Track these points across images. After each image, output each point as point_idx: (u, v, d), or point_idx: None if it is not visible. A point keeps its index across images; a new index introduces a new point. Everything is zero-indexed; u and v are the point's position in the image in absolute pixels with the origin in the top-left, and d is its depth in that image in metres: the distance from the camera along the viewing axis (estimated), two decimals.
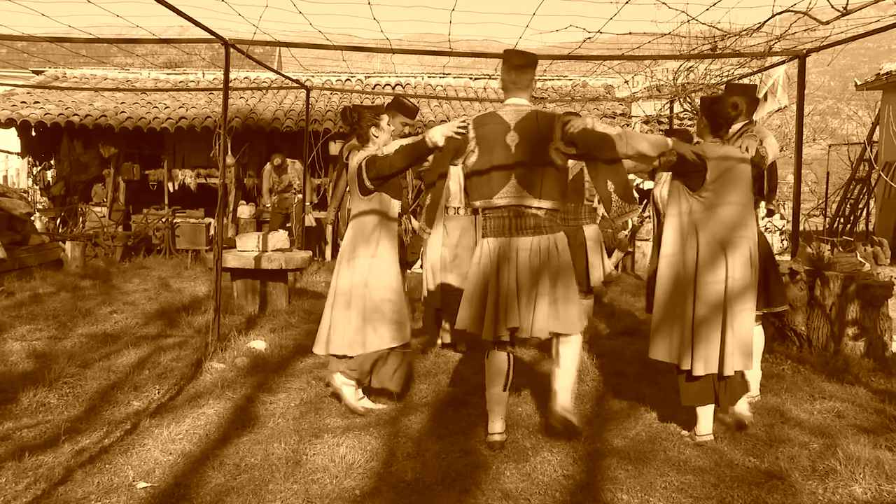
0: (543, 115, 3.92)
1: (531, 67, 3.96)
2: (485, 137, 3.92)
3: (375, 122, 4.50)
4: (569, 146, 3.83)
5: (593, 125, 3.79)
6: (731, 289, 3.98)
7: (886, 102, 14.50)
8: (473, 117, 4.00)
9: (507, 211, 3.90)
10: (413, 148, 4.11)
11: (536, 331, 3.86)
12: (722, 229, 3.99)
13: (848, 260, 6.31)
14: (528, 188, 3.86)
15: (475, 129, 3.95)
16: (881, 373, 5.42)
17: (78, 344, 6.10)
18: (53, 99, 13.41)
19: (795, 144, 6.51)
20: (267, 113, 12.95)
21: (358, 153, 4.49)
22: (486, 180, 3.92)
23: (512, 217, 3.89)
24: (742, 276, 4.00)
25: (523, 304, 3.85)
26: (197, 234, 12.80)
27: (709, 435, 4.08)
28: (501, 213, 3.91)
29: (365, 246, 4.46)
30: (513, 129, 3.88)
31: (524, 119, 3.88)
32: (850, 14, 6.16)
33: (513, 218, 3.89)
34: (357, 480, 3.53)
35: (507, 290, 3.85)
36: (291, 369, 5.43)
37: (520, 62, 3.95)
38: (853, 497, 3.41)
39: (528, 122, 3.87)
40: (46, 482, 3.42)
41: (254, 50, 16.67)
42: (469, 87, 15.47)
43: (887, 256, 11.63)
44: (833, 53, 6.86)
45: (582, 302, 4.76)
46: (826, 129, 37.22)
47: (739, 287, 3.99)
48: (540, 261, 3.86)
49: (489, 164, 3.90)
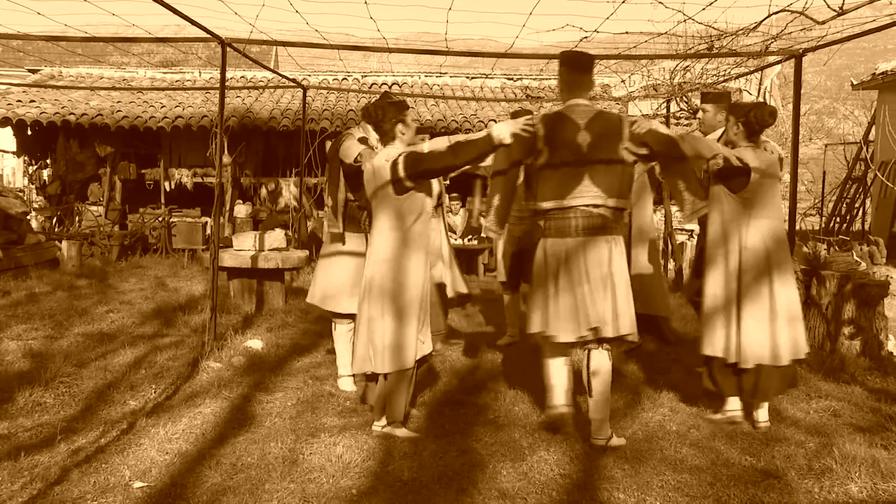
0: (609, 115, 3.99)
1: (592, 68, 4.06)
2: (555, 137, 3.89)
3: (402, 119, 4.22)
4: (640, 146, 3.89)
5: (656, 126, 3.90)
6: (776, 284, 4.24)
7: (882, 102, 14.53)
8: (539, 116, 3.96)
9: (578, 212, 3.89)
10: (474, 144, 3.91)
11: (610, 331, 3.89)
12: (761, 229, 4.22)
13: (844, 259, 6.33)
14: (602, 188, 3.87)
15: (544, 127, 3.90)
16: (877, 372, 5.43)
17: (74, 343, 6.09)
18: (49, 98, 13.38)
19: (792, 144, 6.52)
20: (263, 112, 12.93)
21: (380, 153, 4.18)
22: (558, 181, 3.89)
23: (582, 217, 3.89)
24: (785, 270, 4.28)
25: (598, 304, 3.86)
26: (193, 233, 12.78)
27: (738, 412, 4.33)
28: (573, 214, 3.89)
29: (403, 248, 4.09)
30: (583, 128, 3.88)
31: (593, 119, 3.91)
32: (846, 14, 6.16)
33: (583, 218, 3.89)
34: (354, 480, 3.53)
35: (584, 291, 3.85)
36: (288, 368, 5.43)
37: (585, 63, 4.02)
38: (849, 496, 3.42)
39: (597, 123, 3.90)
40: (42, 482, 3.41)
41: (250, 49, 16.67)
42: (466, 86, 15.47)
43: (883, 256, 11.68)
44: (829, 53, 6.86)
45: None
46: (822, 129, 37.29)
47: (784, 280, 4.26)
48: (610, 261, 3.89)
49: (563, 165, 3.87)
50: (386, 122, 4.20)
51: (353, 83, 15.24)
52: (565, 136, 3.88)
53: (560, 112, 3.96)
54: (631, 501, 3.34)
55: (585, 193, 3.87)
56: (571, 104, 3.96)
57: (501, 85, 15.51)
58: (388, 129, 4.21)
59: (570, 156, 3.88)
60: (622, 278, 3.92)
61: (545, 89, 15.16)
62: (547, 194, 3.93)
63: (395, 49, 7.04)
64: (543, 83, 15.52)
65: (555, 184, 3.90)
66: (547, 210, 3.95)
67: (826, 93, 43.79)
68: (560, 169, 3.88)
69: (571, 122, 3.90)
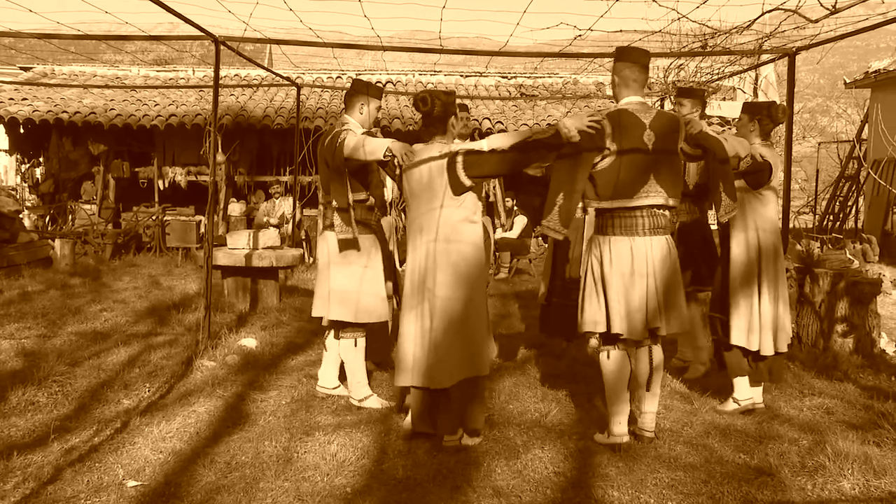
0: (667, 114, 3.98)
1: (649, 64, 4.04)
2: (623, 135, 3.80)
3: (455, 111, 4.00)
4: (694, 147, 3.92)
5: (705, 127, 3.97)
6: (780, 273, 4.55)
7: (875, 100, 14.57)
8: (605, 113, 3.85)
9: (644, 211, 3.85)
10: (543, 142, 3.74)
11: (675, 326, 3.94)
12: (772, 221, 4.56)
13: (837, 257, 6.35)
14: (665, 187, 3.86)
15: (611, 124, 3.80)
16: (869, 369, 5.45)
17: (67, 342, 6.07)
18: (42, 96, 13.32)
19: (785, 142, 6.54)
20: (258, 110, 12.91)
21: (428, 148, 3.94)
22: (625, 179, 3.82)
23: (648, 217, 3.86)
24: (782, 259, 4.60)
25: (661, 302, 3.87)
26: (187, 231, 12.76)
27: (752, 398, 4.53)
28: (639, 214, 3.86)
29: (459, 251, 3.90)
30: (648, 127, 3.84)
31: (656, 118, 3.88)
32: (839, 12, 6.19)
33: (649, 217, 3.86)
34: (348, 478, 3.53)
35: (651, 289, 3.84)
36: (282, 367, 5.42)
37: (644, 60, 3.97)
38: (841, 492, 3.43)
39: (659, 122, 3.87)
40: (35, 481, 3.40)
41: (244, 47, 16.63)
42: (460, 84, 15.46)
43: (876, 254, 11.72)
44: (822, 51, 6.88)
45: None
46: (816, 127, 37.40)
47: (782, 269, 4.60)
48: (671, 259, 3.93)
49: (630, 163, 3.81)
50: (445, 114, 3.95)
51: (348, 81, 15.21)
52: (632, 135, 3.81)
53: (625, 109, 3.87)
54: (625, 499, 3.35)
55: (651, 193, 3.84)
56: (633, 101, 3.91)
57: (496, 83, 15.51)
58: (443, 122, 3.96)
59: (637, 154, 3.82)
60: (679, 277, 3.98)
61: (539, 87, 15.16)
62: (613, 193, 3.84)
63: (390, 47, 7.04)
64: (538, 81, 15.52)
65: (621, 182, 3.82)
66: (612, 209, 3.88)
67: (819, 91, 43.91)
68: (627, 167, 3.81)
69: (637, 119, 3.84)
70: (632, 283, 3.83)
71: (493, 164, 3.83)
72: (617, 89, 3.97)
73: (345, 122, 4.50)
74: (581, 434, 4.09)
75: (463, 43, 8.58)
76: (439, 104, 3.91)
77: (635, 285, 3.83)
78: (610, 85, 4.19)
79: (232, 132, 12.73)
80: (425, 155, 3.92)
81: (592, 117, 3.76)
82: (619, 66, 3.95)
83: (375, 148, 4.06)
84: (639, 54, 3.97)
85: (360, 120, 4.50)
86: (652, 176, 3.83)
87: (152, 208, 12.91)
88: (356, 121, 4.49)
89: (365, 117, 4.52)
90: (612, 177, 3.82)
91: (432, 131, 3.97)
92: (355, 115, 4.51)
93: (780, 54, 6.95)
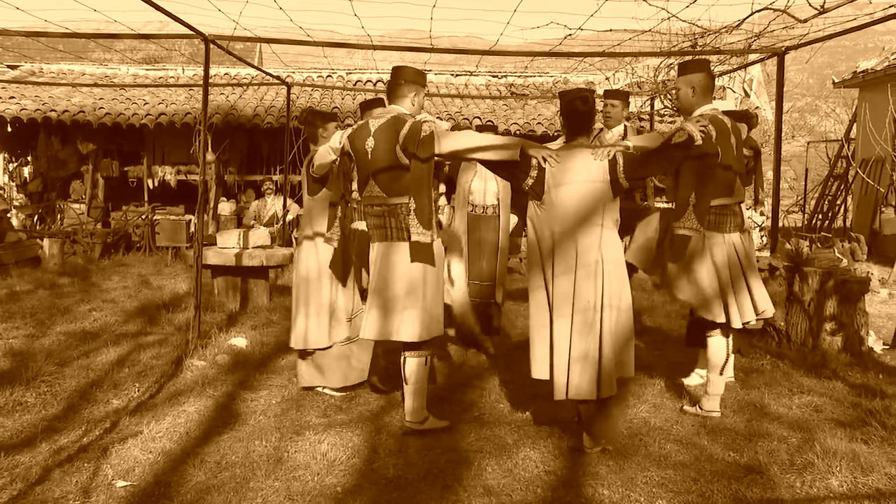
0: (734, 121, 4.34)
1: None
2: (720, 139, 4.10)
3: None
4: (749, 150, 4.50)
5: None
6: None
7: (863, 100, 14.66)
8: (708, 117, 4.08)
9: (732, 209, 4.29)
10: (680, 146, 3.76)
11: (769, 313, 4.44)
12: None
13: (826, 256, 6.39)
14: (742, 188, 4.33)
15: (715, 129, 4.05)
16: (858, 367, 5.48)
17: (56, 342, 6.04)
18: (30, 94, 13.24)
19: (775, 141, 6.57)
20: (248, 109, 12.87)
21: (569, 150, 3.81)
22: (722, 180, 4.20)
23: (732, 215, 4.31)
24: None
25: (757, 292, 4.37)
26: (177, 231, 12.71)
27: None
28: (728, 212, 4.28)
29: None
30: (731, 131, 4.19)
31: (732, 123, 4.25)
32: (828, 12, 6.22)
33: (734, 216, 4.31)
34: (339, 477, 3.52)
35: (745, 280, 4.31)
36: (273, 366, 5.41)
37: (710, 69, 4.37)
38: (830, 490, 3.45)
39: (734, 126, 4.26)
40: (23, 482, 3.38)
41: (234, 46, 16.56)
42: (450, 83, 15.45)
43: (864, 252, 11.79)
44: (811, 51, 6.92)
45: None
46: (805, 126, 37.59)
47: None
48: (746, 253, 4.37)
49: (726, 165, 4.18)
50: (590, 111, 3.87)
51: (338, 80, 15.19)
52: (724, 139, 4.13)
53: (715, 115, 4.16)
54: (616, 497, 3.36)
55: (737, 192, 4.28)
56: (714, 108, 4.22)
57: (486, 82, 15.51)
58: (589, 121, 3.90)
59: (731, 157, 4.19)
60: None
61: (530, 86, 15.17)
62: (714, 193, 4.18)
63: (380, 46, 7.03)
64: (528, 80, 15.53)
65: (720, 183, 4.18)
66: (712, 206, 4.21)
67: (808, 90, 44.13)
68: (724, 169, 4.16)
69: (724, 124, 4.17)
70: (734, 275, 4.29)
71: (648, 164, 3.78)
72: (694, 98, 4.22)
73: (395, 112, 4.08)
74: (571, 432, 4.09)
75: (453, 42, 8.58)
76: (592, 101, 3.88)
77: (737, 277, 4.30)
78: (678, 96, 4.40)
79: (222, 131, 12.69)
80: (575, 157, 3.77)
81: (699, 123, 3.89)
82: (694, 76, 4.22)
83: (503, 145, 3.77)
84: (707, 63, 4.37)
85: (412, 111, 4.11)
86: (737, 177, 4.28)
87: (142, 207, 12.86)
88: (409, 111, 4.10)
89: (416, 108, 4.14)
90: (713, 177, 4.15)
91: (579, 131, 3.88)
92: (406, 104, 4.11)
93: (769, 54, 6.98)
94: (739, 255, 4.31)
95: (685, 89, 4.21)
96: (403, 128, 3.89)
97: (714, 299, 4.24)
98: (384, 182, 3.98)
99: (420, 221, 3.91)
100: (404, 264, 3.98)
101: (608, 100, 5.61)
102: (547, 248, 3.80)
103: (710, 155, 4.04)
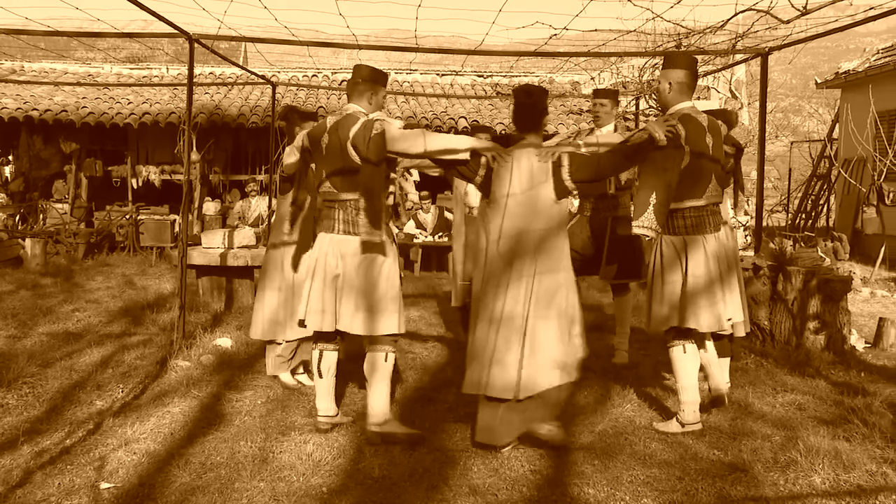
0: (712, 118, 4.20)
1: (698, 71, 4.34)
2: (692, 138, 3.98)
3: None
4: (731, 147, 4.31)
5: None
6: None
7: (845, 101, 14.78)
8: (676, 116, 3.98)
9: (708, 210, 4.11)
10: (638, 146, 3.78)
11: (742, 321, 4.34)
12: None
13: (809, 255, 6.44)
14: (719, 187, 4.15)
15: (683, 128, 3.94)
16: (840, 365, 5.53)
17: (38, 343, 5.98)
18: (11, 93, 13.11)
19: (758, 141, 6.61)
20: (232, 109, 12.81)
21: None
22: (694, 180, 4.03)
23: (711, 215, 4.12)
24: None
25: (732, 297, 4.17)
26: (162, 230, 12.64)
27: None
28: (705, 213, 4.10)
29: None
30: (707, 130, 4.05)
31: (710, 122, 4.10)
32: (810, 14, 6.27)
33: (712, 216, 4.12)
34: (324, 478, 3.51)
35: (720, 284, 4.08)
36: (258, 367, 5.39)
37: (696, 67, 4.23)
38: (812, 487, 3.48)
39: (712, 125, 4.10)
40: (3, 485, 3.35)
41: (219, 45, 16.45)
42: (436, 83, 15.45)
43: (846, 252, 11.90)
44: (794, 52, 6.98)
45: None
46: (788, 126, 37.89)
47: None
48: (727, 254, 4.17)
49: (699, 165, 4.02)
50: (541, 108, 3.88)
51: (323, 80, 15.15)
52: (697, 138, 3.99)
53: (687, 113, 4.04)
54: (601, 496, 3.37)
55: (712, 193, 4.10)
56: (690, 106, 4.09)
57: (472, 82, 15.52)
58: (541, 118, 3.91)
59: (704, 157, 4.03)
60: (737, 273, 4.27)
61: (515, 86, 15.19)
62: (686, 193, 4.03)
63: (365, 46, 7.02)
64: (514, 80, 15.55)
65: (692, 183, 4.02)
66: (683, 208, 4.07)
67: (792, 91, 44.47)
68: (696, 169, 4.01)
69: (699, 123, 4.04)
70: (710, 278, 4.07)
71: (604, 165, 3.81)
72: (670, 94, 4.10)
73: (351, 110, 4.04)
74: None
75: (439, 42, 8.63)
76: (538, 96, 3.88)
77: (713, 281, 4.08)
78: (657, 90, 4.38)
79: (207, 131, 12.63)
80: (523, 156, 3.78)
81: (667, 122, 3.85)
82: (677, 72, 4.10)
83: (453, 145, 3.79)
84: (690, 60, 4.19)
85: (369, 110, 4.06)
86: (713, 176, 4.09)
87: (126, 207, 12.77)
88: (365, 110, 4.05)
89: (374, 108, 4.09)
90: (684, 177, 3.99)
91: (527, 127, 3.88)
92: (363, 104, 4.06)
93: (752, 54, 7.03)
94: (720, 257, 4.10)
95: (664, 83, 4.13)
96: (355, 125, 3.87)
97: (671, 304, 4.10)
98: (335, 179, 3.97)
99: (369, 221, 3.86)
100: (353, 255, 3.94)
101: (597, 99, 5.58)
102: (493, 250, 3.85)
103: (674, 155, 3.90)
